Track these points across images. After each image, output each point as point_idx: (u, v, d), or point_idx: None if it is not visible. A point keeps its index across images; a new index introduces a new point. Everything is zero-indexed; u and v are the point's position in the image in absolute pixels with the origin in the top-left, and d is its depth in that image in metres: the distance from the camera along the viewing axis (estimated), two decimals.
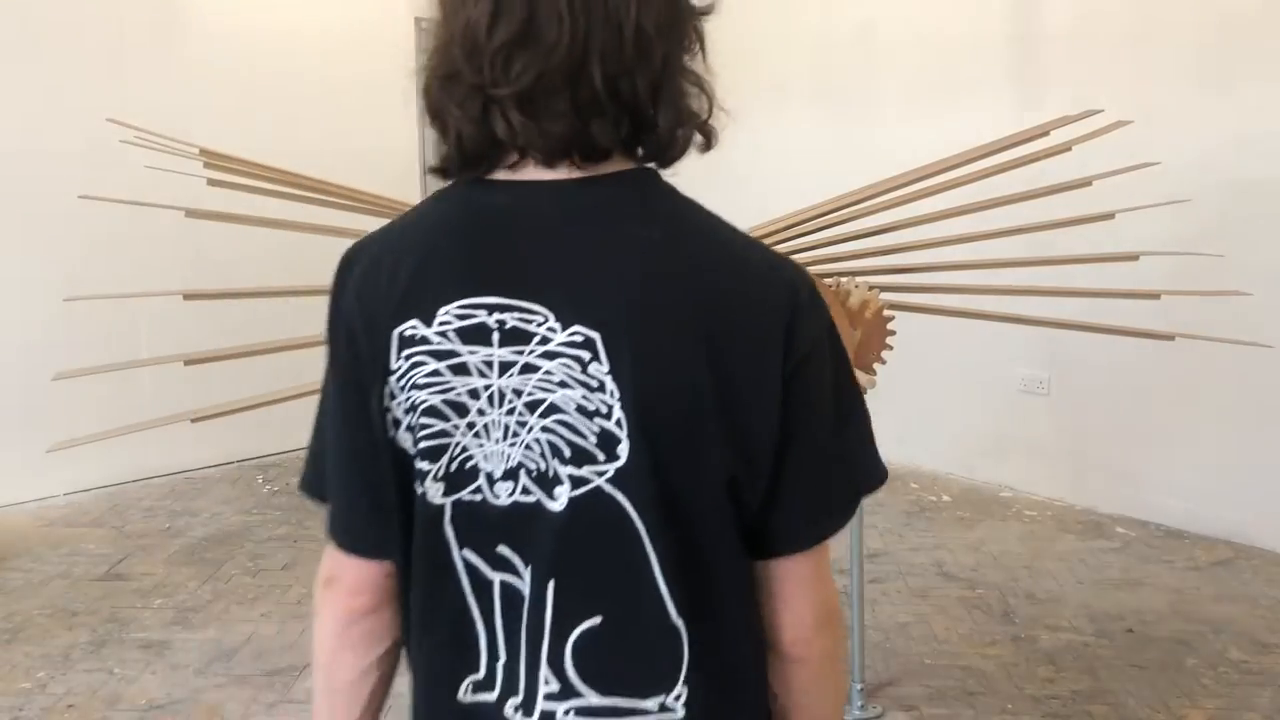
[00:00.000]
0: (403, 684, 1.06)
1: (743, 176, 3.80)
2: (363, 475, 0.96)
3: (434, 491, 0.92)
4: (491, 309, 0.89)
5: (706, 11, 0.93)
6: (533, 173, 0.91)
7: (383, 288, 0.92)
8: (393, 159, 5.47)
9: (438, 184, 0.98)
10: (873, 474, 0.99)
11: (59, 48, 4.47)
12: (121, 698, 2.98)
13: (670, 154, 0.93)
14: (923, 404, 4.62)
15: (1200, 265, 3.58)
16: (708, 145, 0.95)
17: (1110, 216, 2.94)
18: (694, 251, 0.91)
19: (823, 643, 0.98)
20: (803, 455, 0.92)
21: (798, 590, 0.95)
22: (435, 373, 0.90)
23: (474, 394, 0.90)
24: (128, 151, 2.72)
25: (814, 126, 5.06)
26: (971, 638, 3.36)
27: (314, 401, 1.00)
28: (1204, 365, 4.12)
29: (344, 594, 1.01)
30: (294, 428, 4.99)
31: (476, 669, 0.94)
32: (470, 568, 0.92)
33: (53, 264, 4.47)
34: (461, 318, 0.90)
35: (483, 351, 0.89)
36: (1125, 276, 3.37)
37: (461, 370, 0.90)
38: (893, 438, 1.76)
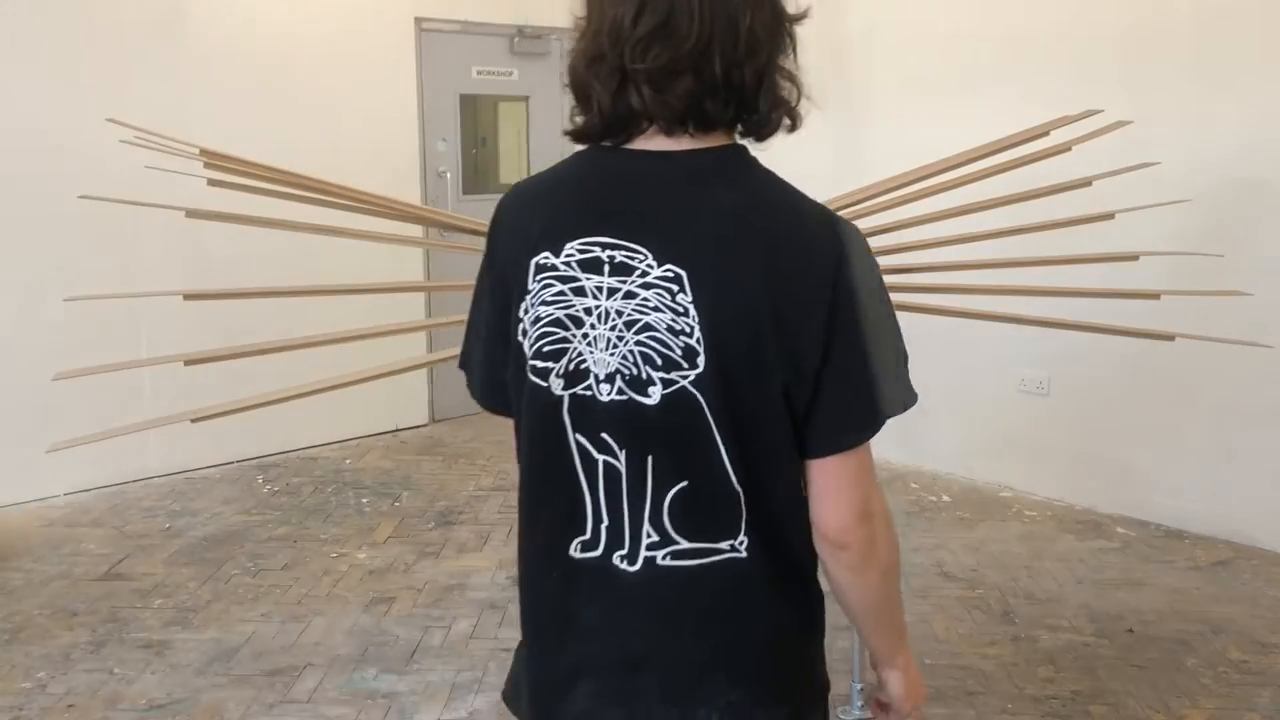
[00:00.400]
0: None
1: None
2: (501, 364, 1.23)
3: (556, 385, 1.16)
4: (605, 246, 1.14)
5: (799, 20, 1.18)
6: (655, 143, 1.16)
7: (525, 225, 1.19)
8: (393, 158, 5.48)
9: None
10: (895, 401, 1.19)
11: (60, 48, 4.46)
12: (122, 698, 2.98)
13: (764, 132, 1.18)
14: (922, 404, 4.59)
15: (1200, 265, 3.59)
16: (793, 127, 1.19)
17: (1110, 216, 2.94)
18: (766, 213, 1.15)
19: (862, 533, 1.18)
20: (835, 377, 1.14)
21: (835, 487, 1.17)
22: (560, 293, 1.15)
23: (588, 311, 1.14)
24: (128, 152, 2.72)
25: (814, 126, 5.05)
26: (971, 638, 3.36)
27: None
28: (1204, 365, 4.12)
29: (516, 443, 1.27)
30: (294, 428, 5.03)
31: (584, 531, 1.19)
32: (581, 448, 1.17)
33: (53, 264, 4.47)
34: (582, 251, 1.15)
35: (596, 279, 1.14)
36: (1125, 276, 3.37)
37: (579, 292, 1.14)
38: (893, 438, 1.80)
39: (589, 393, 1.15)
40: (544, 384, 1.17)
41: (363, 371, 2.57)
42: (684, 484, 1.15)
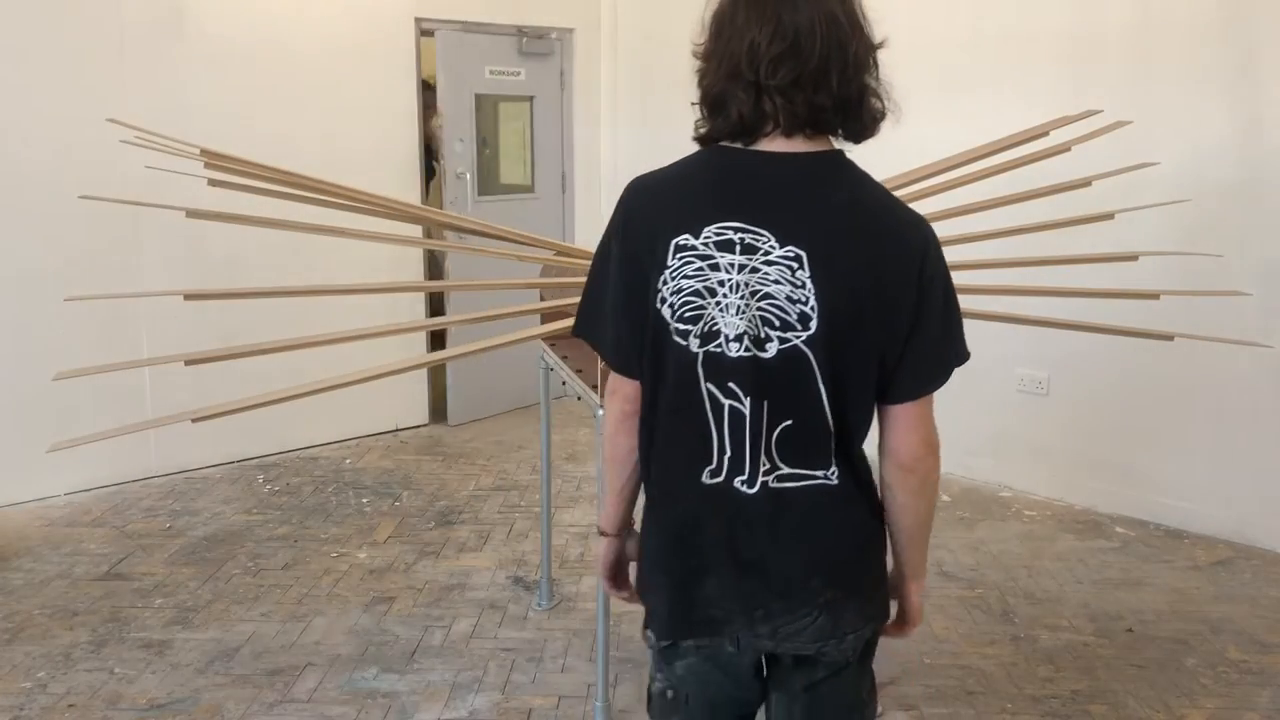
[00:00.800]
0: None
1: None
2: (632, 328, 1.48)
3: (693, 344, 1.43)
4: (736, 229, 1.41)
5: (881, 47, 1.47)
6: (776, 145, 1.43)
7: (661, 212, 1.45)
8: (394, 157, 5.48)
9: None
10: (960, 356, 1.52)
11: (60, 47, 4.47)
12: (122, 697, 2.99)
13: (863, 136, 1.46)
14: None
15: (1199, 265, 3.59)
16: (876, 131, 1.47)
17: (1110, 216, 2.94)
18: (866, 208, 1.44)
19: (927, 462, 1.54)
20: (920, 342, 1.45)
21: (912, 426, 1.50)
22: (699, 269, 1.42)
23: (720, 284, 1.41)
24: (129, 152, 2.72)
25: None
26: (971, 637, 3.36)
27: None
28: (1204, 365, 4.13)
29: (620, 399, 1.56)
30: (294, 428, 5.03)
31: (711, 462, 1.47)
32: (711, 395, 1.44)
33: (53, 264, 4.47)
34: (717, 234, 1.41)
35: (728, 257, 1.41)
36: (1124, 277, 3.37)
37: (714, 268, 1.41)
38: None
39: (719, 350, 1.42)
40: (684, 343, 1.44)
41: (363, 371, 2.57)
42: (790, 423, 1.44)
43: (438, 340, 6.43)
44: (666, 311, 1.44)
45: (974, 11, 4.68)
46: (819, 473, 1.47)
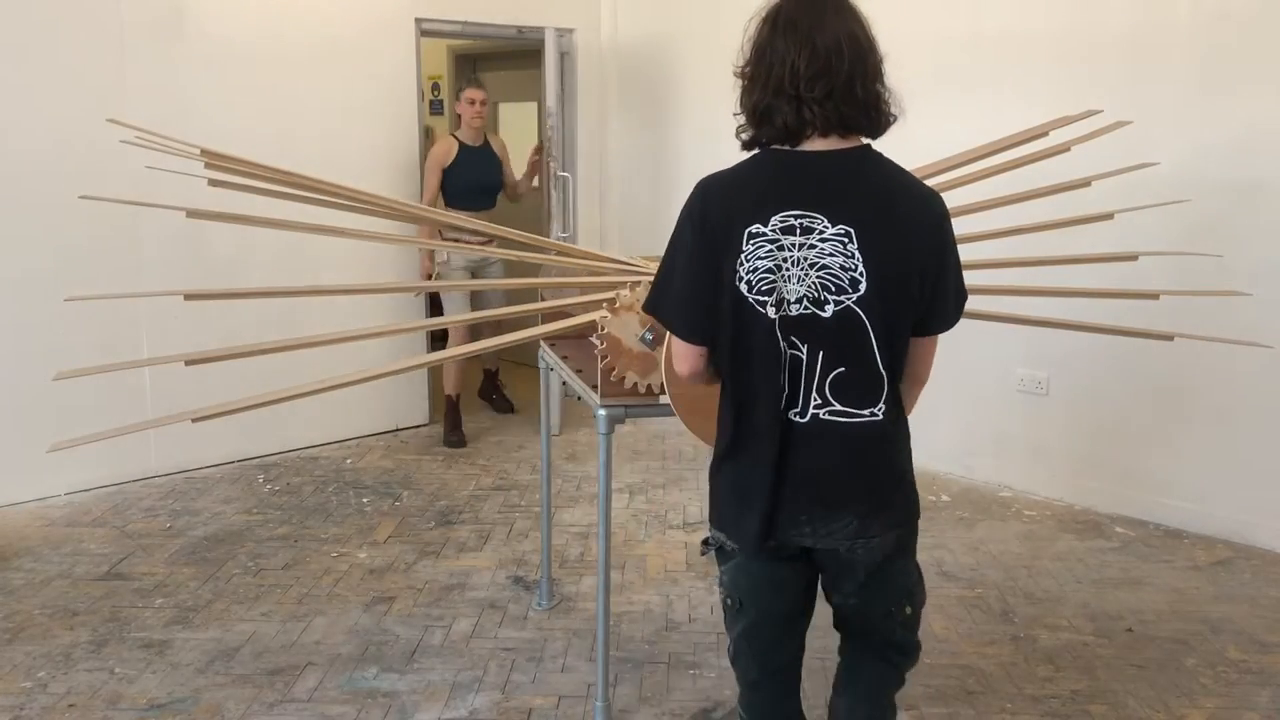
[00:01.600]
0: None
1: None
2: (702, 302, 1.82)
3: (770, 311, 1.77)
4: (796, 216, 1.75)
5: (883, 60, 1.81)
6: (816, 145, 1.79)
7: (738, 204, 1.78)
8: (395, 158, 5.48)
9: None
10: (964, 297, 1.91)
11: (60, 47, 4.47)
12: (122, 697, 2.99)
13: (880, 132, 1.82)
14: (921, 404, 4.61)
15: (1198, 265, 3.59)
16: (889, 127, 1.84)
17: (1109, 216, 2.94)
18: (894, 189, 1.81)
19: (927, 376, 1.97)
20: (943, 292, 1.84)
21: (926, 354, 1.92)
22: (769, 251, 1.76)
23: (786, 261, 1.76)
24: (129, 152, 2.72)
25: None
26: (971, 637, 3.37)
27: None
28: (1204, 365, 4.13)
29: (688, 363, 1.89)
30: (294, 428, 5.02)
31: (773, 400, 1.80)
32: (780, 350, 1.79)
33: (53, 264, 4.47)
34: (781, 221, 1.75)
35: (791, 239, 1.75)
36: (1123, 276, 3.37)
37: (781, 249, 1.76)
38: None
39: (785, 312, 1.77)
40: (762, 310, 1.77)
41: (363, 371, 2.58)
42: (842, 370, 1.79)
43: (438, 340, 6.44)
44: (744, 287, 1.76)
45: (973, 12, 4.68)
46: (865, 411, 1.81)
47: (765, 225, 1.75)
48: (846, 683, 2.09)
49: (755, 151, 1.84)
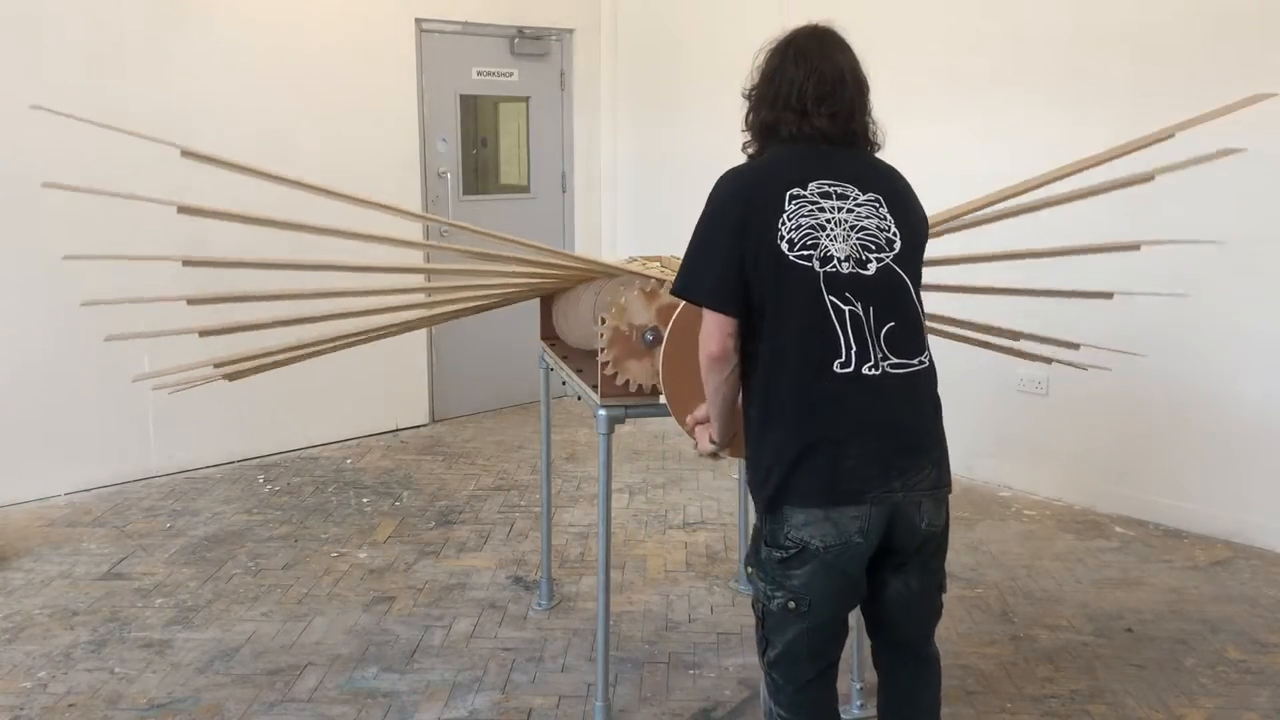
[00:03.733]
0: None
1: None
2: (735, 272, 1.93)
3: (816, 266, 1.90)
4: (829, 184, 1.96)
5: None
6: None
7: (776, 175, 1.97)
8: (394, 158, 5.48)
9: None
10: None
11: (60, 47, 4.47)
12: (122, 697, 2.99)
13: (871, 148, 2.08)
14: None
15: (1197, 262, 3.59)
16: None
17: (1150, 178, 2.79)
18: (892, 170, 2.07)
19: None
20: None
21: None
22: (810, 210, 1.93)
23: (828, 222, 1.93)
24: (129, 151, 2.73)
25: None
26: (971, 637, 3.37)
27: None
28: (1203, 365, 4.13)
29: (722, 335, 1.96)
30: (295, 427, 5.01)
31: (840, 355, 1.89)
32: (833, 304, 1.90)
33: (52, 264, 4.46)
34: (818, 187, 1.95)
35: (828, 202, 1.94)
36: (1132, 272, 3.37)
37: (820, 210, 1.93)
38: None
39: (833, 269, 1.90)
40: (807, 265, 1.90)
41: (384, 328, 2.73)
42: (891, 324, 1.92)
43: (438, 339, 6.43)
44: (784, 245, 1.90)
45: (972, 12, 4.68)
46: (914, 360, 1.94)
47: (804, 189, 1.93)
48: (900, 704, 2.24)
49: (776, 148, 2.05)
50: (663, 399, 2.46)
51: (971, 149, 4.51)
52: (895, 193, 2.00)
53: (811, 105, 1.96)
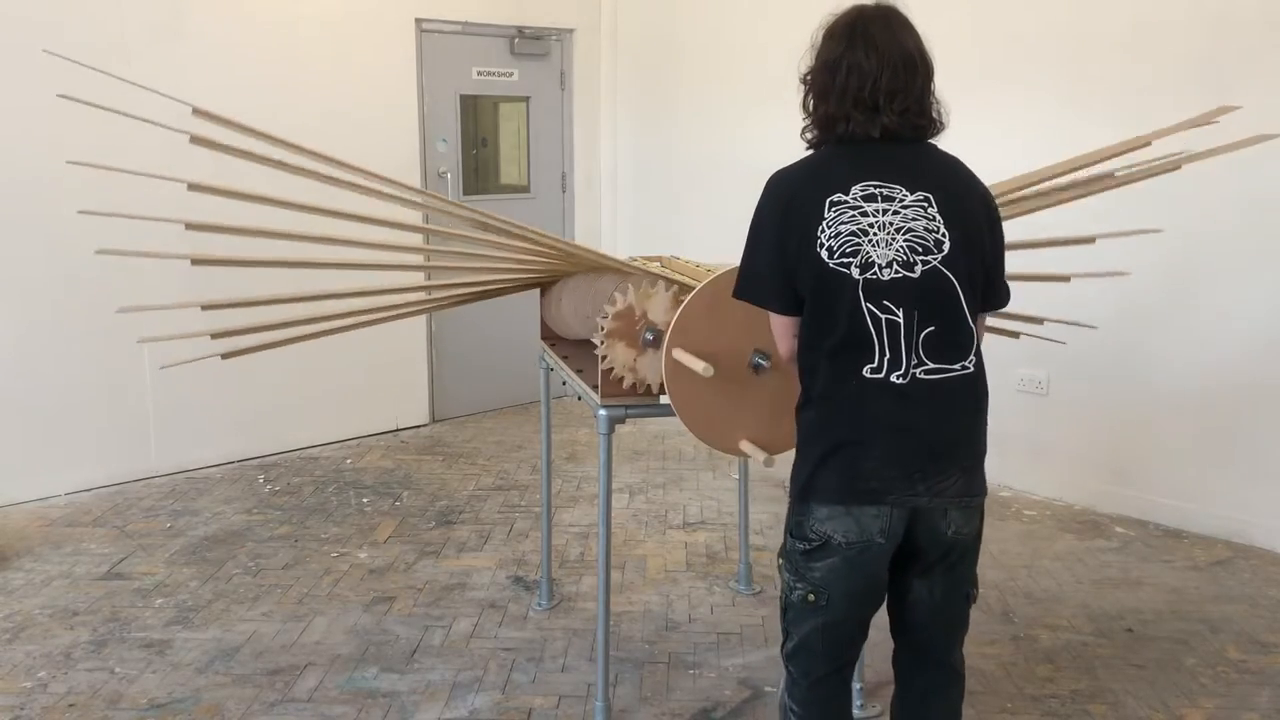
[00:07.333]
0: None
1: (755, 168, 3.79)
2: (788, 274, 1.92)
3: (854, 273, 1.86)
4: (875, 186, 1.89)
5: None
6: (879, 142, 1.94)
7: (819, 181, 1.92)
8: (394, 158, 5.48)
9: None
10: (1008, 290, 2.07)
11: (60, 47, 4.46)
12: (122, 697, 2.99)
13: (936, 135, 1.99)
14: None
15: (1192, 257, 3.59)
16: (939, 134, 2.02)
17: (1179, 165, 2.78)
18: (953, 164, 1.99)
19: (983, 336, 2.04)
20: (997, 265, 2.00)
21: (983, 326, 2.03)
22: (852, 216, 1.87)
23: (871, 226, 1.87)
24: (129, 152, 2.73)
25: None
26: (971, 637, 3.33)
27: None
28: (1203, 365, 4.13)
29: (788, 335, 2.00)
30: (295, 428, 5.01)
31: (873, 361, 1.88)
32: (870, 311, 1.87)
33: (52, 263, 4.47)
34: (863, 190, 1.89)
35: (873, 205, 1.88)
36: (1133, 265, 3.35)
37: (863, 215, 1.87)
38: None
39: (874, 275, 1.86)
40: (846, 272, 1.86)
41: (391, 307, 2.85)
42: (932, 328, 1.87)
43: (438, 339, 6.43)
44: (824, 254, 1.86)
45: (970, 12, 4.68)
46: (956, 366, 1.91)
47: (846, 194, 1.87)
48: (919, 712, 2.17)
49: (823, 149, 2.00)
50: (664, 399, 2.46)
51: (971, 149, 4.51)
52: (947, 190, 1.91)
53: (884, 100, 1.89)
